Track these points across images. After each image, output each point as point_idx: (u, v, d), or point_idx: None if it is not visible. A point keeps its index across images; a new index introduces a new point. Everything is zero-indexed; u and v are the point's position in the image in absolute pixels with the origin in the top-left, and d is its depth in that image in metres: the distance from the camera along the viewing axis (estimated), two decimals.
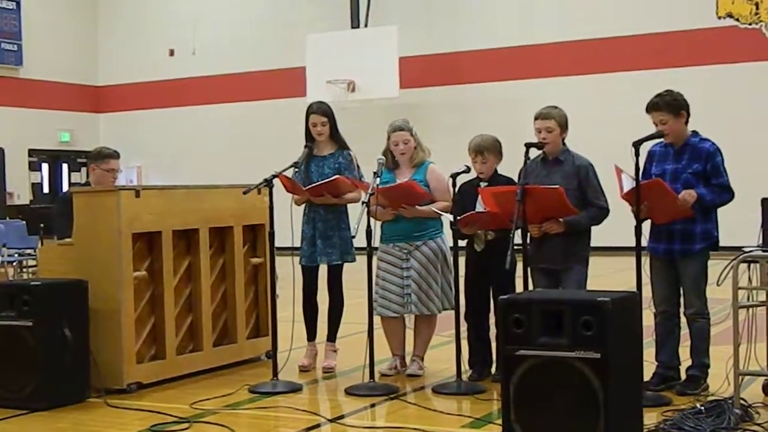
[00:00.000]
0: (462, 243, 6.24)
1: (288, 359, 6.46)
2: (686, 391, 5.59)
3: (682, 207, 5.55)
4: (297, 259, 6.74)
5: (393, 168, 6.56)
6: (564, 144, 6.03)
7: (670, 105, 5.67)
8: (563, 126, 5.98)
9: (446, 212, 6.30)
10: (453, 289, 6.35)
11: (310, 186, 6.56)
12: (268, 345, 6.75)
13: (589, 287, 5.84)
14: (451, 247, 6.21)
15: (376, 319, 6.29)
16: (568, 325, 4.09)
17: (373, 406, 5.73)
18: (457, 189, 6.09)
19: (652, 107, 5.72)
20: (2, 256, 12.37)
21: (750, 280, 5.23)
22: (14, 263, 13.04)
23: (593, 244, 6.03)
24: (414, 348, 6.62)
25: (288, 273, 6.74)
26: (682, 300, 5.78)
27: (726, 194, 5.66)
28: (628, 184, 5.57)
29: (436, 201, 6.40)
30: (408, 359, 6.64)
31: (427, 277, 6.42)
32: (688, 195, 5.54)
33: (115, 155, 7.00)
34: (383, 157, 6.45)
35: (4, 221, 14.50)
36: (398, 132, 6.51)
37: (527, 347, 4.16)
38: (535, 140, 5.94)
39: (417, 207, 6.35)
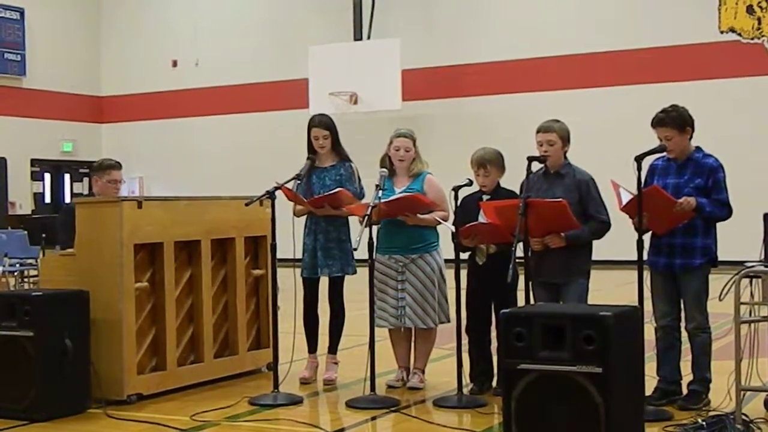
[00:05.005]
0: (464, 256, 6.24)
1: (289, 371, 6.45)
2: (688, 406, 5.57)
3: (681, 213, 5.54)
4: (299, 270, 6.74)
5: (390, 176, 6.56)
6: (566, 157, 6.03)
7: (675, 121, 5.66)
8: (565, 139, 5.98)
9: (445, 221, 6.31)
10: (448, 302, 6.37)
11: (311, 198, 6.56)
12: (269, 357, 6.74)
13: (590, 301, 5.83)
14: (452, 260, 6.21)
15: (379, 331, 6.29)
16: (570, 339, 4.09)
17: (374, 419, 5.72)
18: (459, 202, 6.09)
19: (657, 123, 5.69)
20: (3, 266, 12.35)
21: (752, 295, 5.22)
22: (15, 273, 13.02)
23: (594, 257, 6.02)
24: (414, 361, 6.61)
25: (289, 285, 6.73)
26: (682, 314, 5.77)
27: (724, 210, 5.66)
28: (626, 197, 5.56)
29: (434, 211, 6.41)
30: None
31: (423, 291, 6.42)
32: (687, 201, 5.53)
33: (117, 166, 7.05)
34: (385, 169, 6.45)
35: (6, 231, 14.47)
36: (401, 138, 6.51)
37: (528, 361, 4.16)
38: (536, 153, 5.94)
39: (419, 215, 6.36)
